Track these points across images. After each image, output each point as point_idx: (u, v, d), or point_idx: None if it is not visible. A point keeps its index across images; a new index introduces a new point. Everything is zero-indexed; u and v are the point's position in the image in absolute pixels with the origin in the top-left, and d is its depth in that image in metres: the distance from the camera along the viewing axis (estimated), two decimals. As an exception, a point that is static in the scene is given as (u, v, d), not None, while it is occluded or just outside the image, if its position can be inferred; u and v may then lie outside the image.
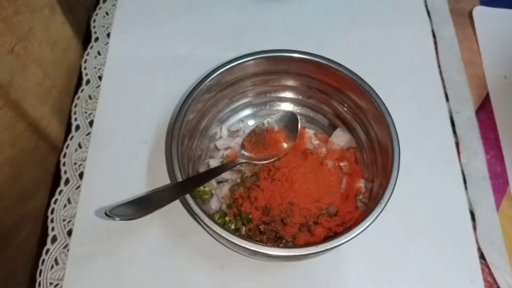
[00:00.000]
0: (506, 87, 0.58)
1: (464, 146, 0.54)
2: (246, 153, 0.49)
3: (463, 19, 0.64)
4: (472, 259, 0.47)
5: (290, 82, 0.51)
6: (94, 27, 0.61)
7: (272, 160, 0.48)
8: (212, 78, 0.46)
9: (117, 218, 0.36)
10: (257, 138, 0.50)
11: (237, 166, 0.48)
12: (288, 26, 0.62)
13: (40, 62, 0.50)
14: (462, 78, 0.59)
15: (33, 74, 0.48)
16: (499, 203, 0.51)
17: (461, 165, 0.52)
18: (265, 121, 0.51)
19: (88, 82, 0.57)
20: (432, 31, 0.62)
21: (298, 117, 0.50)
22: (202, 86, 0.45)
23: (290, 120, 0.50)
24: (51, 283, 0.45)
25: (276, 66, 0.49)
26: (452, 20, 0.64)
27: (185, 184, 0.41)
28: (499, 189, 0.52)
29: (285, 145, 0.49)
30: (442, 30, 0.63)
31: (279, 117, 0.51)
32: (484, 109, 0.57)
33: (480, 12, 0.64)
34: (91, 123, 0.53)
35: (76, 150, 0.52)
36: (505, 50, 0.61)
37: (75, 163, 0.51)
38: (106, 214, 0.36)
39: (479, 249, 0.48)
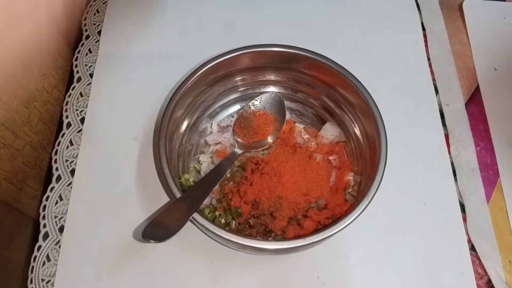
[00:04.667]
0: (496, 79, 0.58)
1: (454, 138, 0.54)
2: (239, 140, 0.49)
3: (453, 12, 0.64)
4: (462, 250, 0.47)
5: (279, 77, 0.52)
6: (85, 24, 0.61)
7: (266, 147, 0.49)
8: (200, 73, 0.46)
9: (152, 241, 0.36)
10: (246, 122, 0.50)
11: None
12: (277, 21, 0.62)
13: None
14: (452, 70, 0.59)
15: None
16: (489, 194, 0.51)
17: (451, 157, 0.53)
18: (250, 104, 0.51)
19: (79, 79, 0.57)
20: (422, 24, 0.62)
21: (287, 111, 0.50)
22: (189, 82, 0.45)
23: (275, 102, 0.51)
24: (43, 280, 0.45)
25: (263, 61, 0.49)
26: (442, 13, 0.64)
27: (198, 189, 0.42)
28: (489, 181, 0.52)
29: (274, 128, 0.50)
30: (432, 23, 0.63)
31: (263, 99, 0.51)
32: (474, 101, 0.57)
33: (470, 5, 0.64)
34: (82, 120, 0.54)
35: (67, 147, 0.52)
36: (495, 42, 0.61)
37: (67, 160, 0.51)
38: (143, 237, 0.36)
39: (469, 240, 0.48)
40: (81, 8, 0.63)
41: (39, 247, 0.46)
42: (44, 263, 0.46)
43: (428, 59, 0.59)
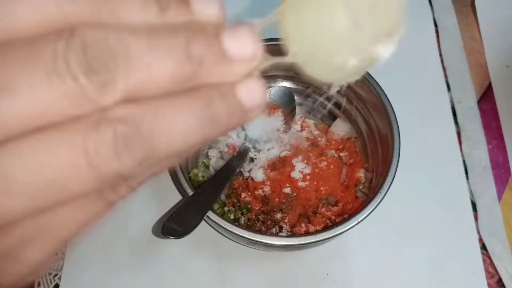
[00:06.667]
0: (509, 76, 0.58)
1: (466, 135, 0.53)
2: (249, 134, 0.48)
3: (465, 8, 0.63)
4: (473, 249, 0.47)
5: (289, 72, 0.51)
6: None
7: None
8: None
9: (171, 237, 0.37)
10: None
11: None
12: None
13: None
14: (464, 67, 0.58)
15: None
16: (501, 193, 0.51)
17: (462, 155, 0.52)
18: None
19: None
20: (434, 20, 0.62)
21: (297, 106, 0.50)
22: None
23: (285, 95, 0.50)
24: (50, 273, 0.45)
25: (273, 55, 0.48)
26: (454, 8, 0.63)
27: (212, 186, 0.42)
28: (501, 179, 0.51)
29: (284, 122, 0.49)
30: (444, 19, 0.62)
31: (273, 93, 0.50)
32: (486, 99, 0.56)
33: (483, 1, 0.63)
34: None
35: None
36: (508, 39, 0.60)
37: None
38: (162, 233, 0.37)
39: (480, 239, 0.48)
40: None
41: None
42: (51, 257, 0.45)
43: (440, 55, 0.59)
